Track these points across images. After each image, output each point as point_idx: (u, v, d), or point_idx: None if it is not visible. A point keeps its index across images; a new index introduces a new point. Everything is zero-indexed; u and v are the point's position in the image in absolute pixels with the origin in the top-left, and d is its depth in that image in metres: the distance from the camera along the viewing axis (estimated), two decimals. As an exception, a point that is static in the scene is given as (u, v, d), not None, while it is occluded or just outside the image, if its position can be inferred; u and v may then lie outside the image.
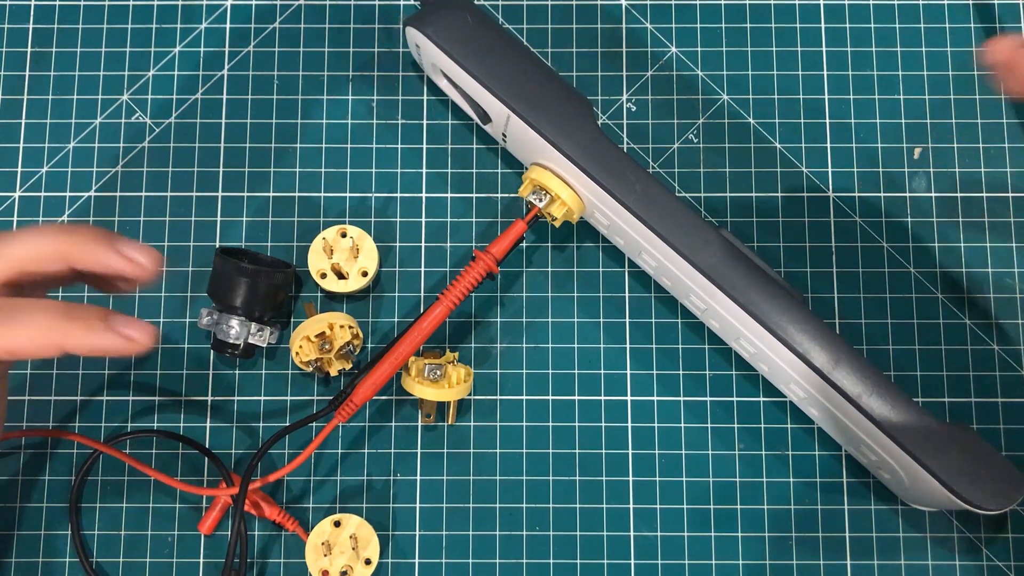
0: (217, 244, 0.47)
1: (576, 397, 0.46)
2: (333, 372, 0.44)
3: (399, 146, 0.48)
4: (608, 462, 0.46)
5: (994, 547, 0.45)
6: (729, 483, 0.45)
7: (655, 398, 0.46)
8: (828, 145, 0.48)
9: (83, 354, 0.35)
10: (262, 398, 0.46)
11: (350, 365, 0.45)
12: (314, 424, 0.46)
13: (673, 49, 0.49)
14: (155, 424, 0.46)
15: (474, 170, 0.48)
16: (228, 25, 0.49)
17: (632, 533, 0.45)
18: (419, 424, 0.46)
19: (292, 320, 0.47)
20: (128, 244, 0.35)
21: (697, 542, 0.45)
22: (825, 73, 0.49)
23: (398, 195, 0.48)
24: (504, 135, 0.45)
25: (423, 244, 0.47)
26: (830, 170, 0.48)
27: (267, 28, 0.49)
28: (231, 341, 0.44)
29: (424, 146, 0.48)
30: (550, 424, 0.46)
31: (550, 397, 0.46)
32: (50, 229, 0.35)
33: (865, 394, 0.39)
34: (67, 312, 0.34)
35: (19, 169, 0.48)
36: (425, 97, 0.49)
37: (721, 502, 0.45)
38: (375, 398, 0.46)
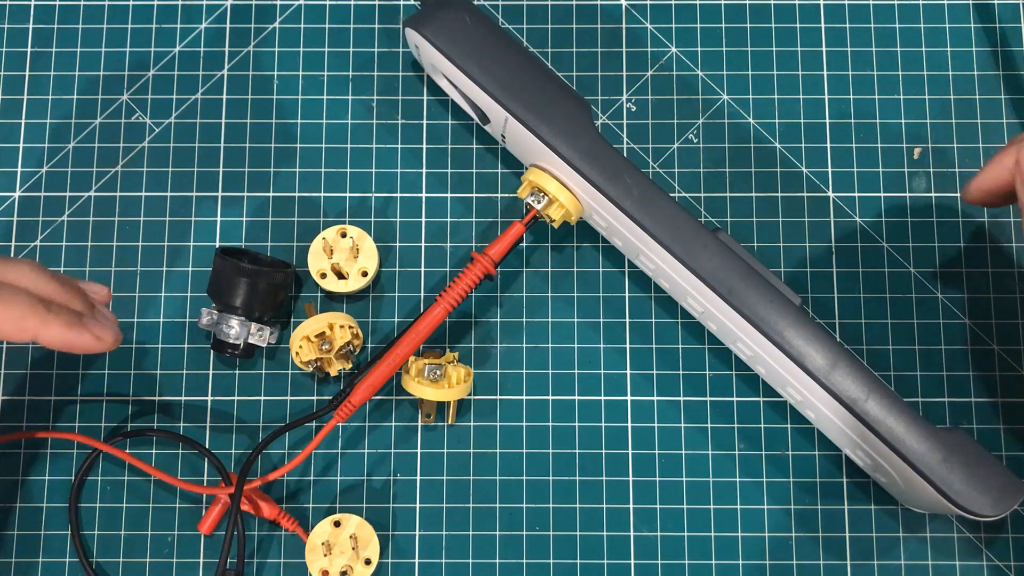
0: (217, 244, 0.47)
1: (576, 397, 0.46)
2: (333, 372, 0.44)
3: (399, 146, 0.48)
4: (608, 462, 0.46)
5: (994, 548, 0.45)
6: (729, 483, 0.45)
7: (655, 398, 0.46)
8: (828, 145, 0.48)
9: (52, 348, 0.36)
10: (262, 398, 0.46)
11: (350, 365, 0.45)
12: (313, 424, 0.46)
13: (673, 49, 0.49)
14: (155, 424, 0.46)
15: (474, 170, 0.48)
16: (228, 25, 0.49)
17: (632, 533, 0.45)
18: (419, 424, 0.46)
19: (292, 320, 0.47)
20: (95, 324, 0.36)
21: (697, 542, 0.45)
22: (825, 73, 0.49)
23: (398, 195, 0.48)
24: (503, 136, 0.45)
25: (423, 244, 0.47)
26: (830, 170, 0.48)
27: (267, 28, 0.49)
28: (231, 341, 0.44)
29: (424, 146, 0.48)
30: (550, 424, 0.46)
31: (550, 397, 0.46)
32: (29, 321, 0.35)
33: (861, 399, 0.39)
34: (48, 305, 0.35)
35: (19, 169, 0.48)
36: (425, 97, 0.49)
37: (721, 502, 0.45)
38: (375, 398, 0.46)
